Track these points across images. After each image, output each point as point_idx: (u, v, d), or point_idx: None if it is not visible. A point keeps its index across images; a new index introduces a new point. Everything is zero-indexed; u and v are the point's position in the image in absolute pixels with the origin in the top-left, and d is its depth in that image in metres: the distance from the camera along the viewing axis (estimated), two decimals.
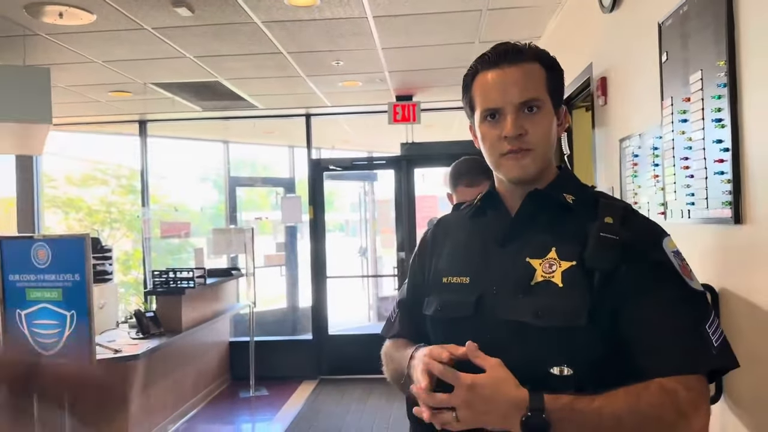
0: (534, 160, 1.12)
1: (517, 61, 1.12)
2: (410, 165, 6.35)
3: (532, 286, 1.08)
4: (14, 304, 3.31)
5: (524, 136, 1.11)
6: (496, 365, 0.99)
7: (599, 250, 1.05)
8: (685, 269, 1.08)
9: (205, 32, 3.90)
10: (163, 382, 4.73)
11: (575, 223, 1.11)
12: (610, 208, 1.11)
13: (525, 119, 1.11)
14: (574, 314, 1.03)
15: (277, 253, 7.73)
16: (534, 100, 1.11)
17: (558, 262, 1.08)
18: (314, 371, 6.32)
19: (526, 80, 1.11)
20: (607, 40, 2.85)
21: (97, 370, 3.19)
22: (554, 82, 1.16)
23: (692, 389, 0.99)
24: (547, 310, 1.05)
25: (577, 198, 1.15)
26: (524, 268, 1.10)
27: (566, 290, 1.06)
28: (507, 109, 1.11)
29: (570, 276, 1.07)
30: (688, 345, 1.02)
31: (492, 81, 1.13)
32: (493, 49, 1.16)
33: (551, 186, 1.17)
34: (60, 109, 5.38)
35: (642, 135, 2.37)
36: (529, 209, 1.16)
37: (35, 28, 3.72)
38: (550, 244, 1.11)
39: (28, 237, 3.37)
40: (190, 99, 5.76)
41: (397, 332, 1.32)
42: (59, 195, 8.20)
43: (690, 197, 1.90)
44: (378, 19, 3.78)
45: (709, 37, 1.76)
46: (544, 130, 1.12)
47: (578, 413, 0.96)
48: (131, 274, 8.19)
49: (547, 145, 1.14)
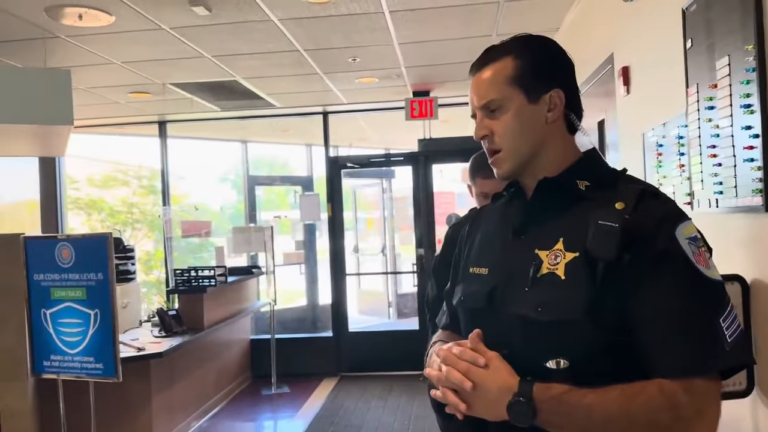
0: (504, 159, 1.14)
1: (484, 64, 1.15)
2: (428, 161, 6.32)
3: (537, 279, 1.06)
4: (39, 304, 3.35)
5: (491, 137, 1.14)
6: (493, 357, 1.03)
7: (598, 240, 1.00)
8: (701, 257, 1.00)
9: (222, 31, 3.92)
10: (185, 380, 4.77)
11: (584, 211, 1.05)
12: (625, 193, 1.05)
13: (490, 121, 1.14)
14: (571, 308, 1.01)
15: (296, 251, 7.76)
16: (490, 102, 1.13)
17: (563, 254, 1.05)
18: (335, 368, 6.33)
19: (483, 84, 1.14)
20: (629, 29, 2.80)
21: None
22: (531, 70, 1.12)
23: (695, 393, 0.94)
24: (547, 304, 1.03)
25: (594, 184, 1.10)
26: (533, 260, 1.08)
27: (568, 283, 1.03)
28: (477, 114, 1.17)
29: (572, 268, 1.03)
30: (694, 343, 0.96)
31: (470, 88, 1.18)
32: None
33: (564, 173, 1.13)
34: (81, 110, 5.44)
35: (666, 124, 2.33)
36: (539, 198, 1.14)
37: (55, 31, 3.76)
38: (558, 235, 1.07)
39: (52, 237, 3.41)
40: (208, 99, 5.80)
41: (444, 323, 1.35)
42: (81, 196, 8.31)
43: (718, 186, 1.86)
44: (394, 13, 3.76)
45: (736, 22, 1.72)
46: (508, 127, 1.12)
47: (566, 406, 0.96)
48: (153, 273, 8.27)
49: (517, 142, 1.12)
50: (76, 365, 3.28)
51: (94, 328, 3.24)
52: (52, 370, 3.34)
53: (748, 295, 1.73)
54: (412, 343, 5.09)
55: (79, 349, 3.28)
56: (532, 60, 1.13)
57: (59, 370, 3.32)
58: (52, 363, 3.34)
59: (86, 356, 3.26)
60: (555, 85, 1.12)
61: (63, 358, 3.31)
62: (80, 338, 3.27)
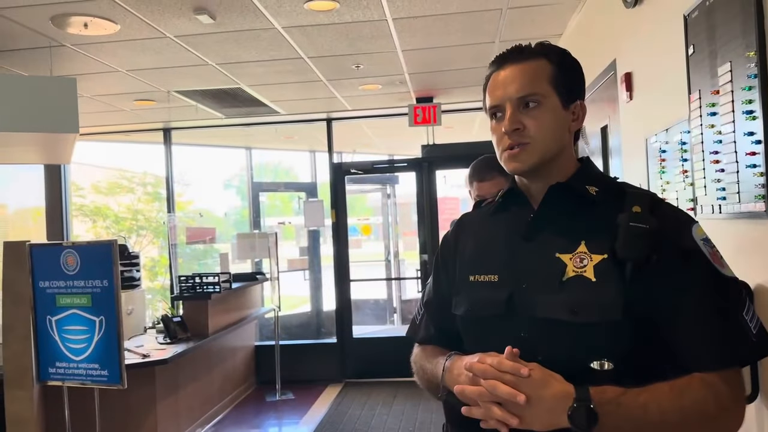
0: (531, 152, 1.13)
1: (521, 59, 1.15)
2: (431, 167, 6.33)
3: (564, 282, 1.07)
4: (45, 311, 3.37)
5: (522, 131, 1.12)
6: (536, 366, 1.01)
7: (630, 241, 1.04)
8: (716, 256, 1.06)
9: (227, 39, 3.94)
10: (190, 386, 4.78)
11: (602, 215, 1.09)
12: (637, 198, 1.10)
13: (523, 114, 1.13)
14: (610, 308, 1.02)
15: (300, 257, 7.76)
16: (531, 95, 1.12)
17: (589, 256, 1.07)
18: (339, 374, 6.32)
19: (525, 76, 1.13)
20: (631, 36, 2.81)
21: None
22: (564, 76, 1.15)
23: (732, 383, 1.00)
24: (583, 306, 1.04)
25: (601, 189, 1.14)
26: (554, 264, 1.09)
27: (600, 284, 1.05)
28: (506, 106, 1.14)
29: (602, 269, 1.05)
30: (725, 337, 1.01)
31: (496, 81, 1.17)
32: (502, 52, 1.20)
33: (573, 178, 1.16)
34: (86, 118, 5.47)
35: (669, 130, 2.33)
36: (552, 203, 1.15)
37: (61, 39, 3.79)
38: (578, 238, 1.09)
39: (57, 244, 3.43)
40: (212, 106, 5.83)
41: (424, 337, 1.31)
42: (87, 203, 8.34)
43: (721, 192, 1.86)
44: (397, 21, 3.78)
45: (738, 28, 1.72)
46: (543, 124, 1.12)
47: (625, 407, 0.97)
48: (158, 280, 8.29)
49: (547, 139, 1.13)
50: (81, 372, 3.29)
51: (99, 335, 3.25)
52: (58, 377, 3.36)
53: (752, 301, 1.73)
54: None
55: (85, 356, 3.29)
56: (566, 68, 1.16)
57: (64, 377, 3.33)
58: (58, 370, 3.36)
59: (91, 363, 3.27)
60: (579, 97, 1.18)
61: (68, 365, 3.33)
62: (85, 345, 3.29)
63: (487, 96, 1.19)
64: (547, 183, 1.15)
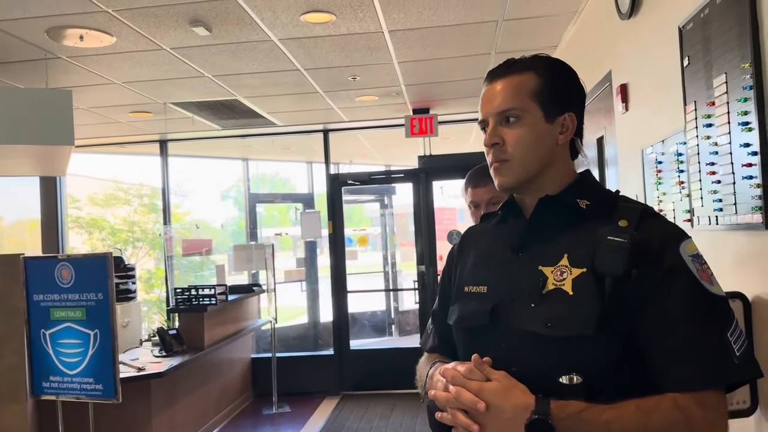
0: (511, 169, 1.13)
1: (507, 73, 1.16)
2: (428, 177, 6.33)
3: (543, 295, 1.07)
4: (39, 324, 3.34)
5: (501, 146, 1.13)
6: (502, 376, 1.02)
7: (608, 255, 1.02)
8: (704, 274, 1.03)
9: (223, 51, 3.95)
10: (186, 400, 4.74)
11: (587, 229, 1.08)
12: (626, 211, 1.08)
13: (504, 129, 1.13)
14: (582, 323, 1.01)
15: (297, 268, 7.74)
16: (510, 110, 1.13)
17: (569, 270, 1.06)
18: (336, 387, 6.28)
19: (506, 91, 1.14)
20: (627, 47, 2.81)
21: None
22: (551, 89, 1.14)
23: (707, 406, 0.96)
24: (557, 320, 1.03)
25: (593, 202, 1.13)
26: (537, 277, 1.09)
27: (576, 298, 1.03)
28: (489, 120, 1.15)
29: (580, 283, 1.04)
30: (704, 358, 0.98)
31: (484, 95, 1.18)
32: (495, 66, 1.20)
33: (565, 191, 1.15)
34: (82, 130, 5.47)
35: (665, 141, 2.33)
36: (541, 215, 1.15)
37: (57, 52, 3.79)
38: (562, 251, 1.09)
39: (52, 257, 3.41)
40: (209, 118, 5.83)
41: (431, 346, 1.33)
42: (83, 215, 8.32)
43: (717, 203, 1.85)
44: (393, 33, 3.79)
45: (733, 40, 1.73)
46: (521, 139, 1.12)
47: (586, 424, 0.95)
48: (154, 292, 8.26)
49: (527, 154, 1.13)
50: (75, 386, 3.26)
51: (94, 349, 3.23)
52: (51, 392, 3.33)
53: (749, 312, 1.72)
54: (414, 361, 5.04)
55: (79, 370, 3.26)
56: (553, 81, 1.15)
57: (58, 391, 3.30)
58: (51, 384, 3.32)
59: (86, 377, 3.24)
60: (569, 109, 1.16)
61: (62, 379, 3.30)
62: (80, 359, 3.26)
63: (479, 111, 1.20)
64: (539, 196, 1.15)
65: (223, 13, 3.32)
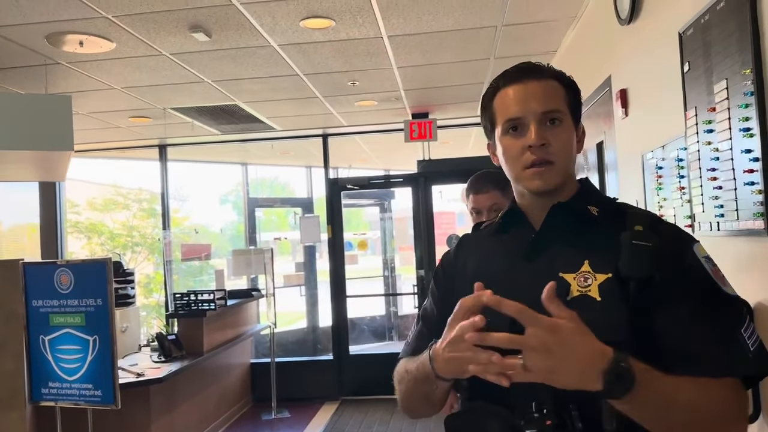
0: (557, 172, 1.13)
1: (538, 76, 1.15)
2: (427, 182, 6.33)
3: (568, 302, 1.05)
4: (38, 330, 3.33)
5: (547, 147, 1.11)
6: (576, 316, 0.92)
7: (633, 259, 1.04)
8: (718, 274, 1.07)
9: (223, 56, 3.95)
10: (185, 405, 4.72)
11: (604, 235, 1.10)
12: (637, 217, 1.11)
13: (547, 131, 1.11)
14: (617, 328, 1.01)
15: (296, 273, 7.73)
16: (556, 111, 1.13)
17: (593, 275, 1.07)
18: (336, 392, 6.26)
19: (547, 93, 1.13)
20: (626, 52, 2.82)
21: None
22: (573, 100, 1.17)
23: (740, 391, 1.00)
24: (589, 326, 0.98)
25: (602, 209, 1.15)
26: (558, 283, 1.05)
27: (605, 304, 1.04)
28: (529, 119, 1.11)
29: (607, 289, 1.05)
30: (725, 349, 1.00)
31: (514, 94, 1.14)
32: (514, 67, 1.18)
33: (575, 198, 1.17)
34: (82, 135, 5.46)
35: (665, 146, 2.33)
36: (554, 222, 1.15)
37: (56, 57, 3.79)
38: (581, 257, 1.09)
39: (51, 262, 3.40)
40: (208, 123, 5.83)
41: (413, 348, 1.27)
42: (82, 220, 8.31)
43: (719, 209, 1.85)
44: (393, 38, 3.79)
45: (733, 46, 1.73)
46: (565, 143, 1.13)
47: (659, 381, 0.92)
48: (153, 297, 8.24)
49: (568, 159, 1.15)
50: (74, 392, 3.25)
51: (93, 355, 3.22)
52: (50, 398, 3.31)
53: (751, 319, 1.72)
54: None
55: (78, 376, 3.25)
56: (573, 92, 1.18)
57: (57, 397, 3.29)
58: (50, 390, 3.31)
59: (85, 383, 3.23)
60: (579, 121, 1.20)
61: (61, 385, 3.29)
62: (79, 365, 3.25)
63: (499, 109, 1.16)
64: (551, 202, 1.15)
65: (223, 19, 3.32)
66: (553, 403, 1.00)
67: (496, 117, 1.17)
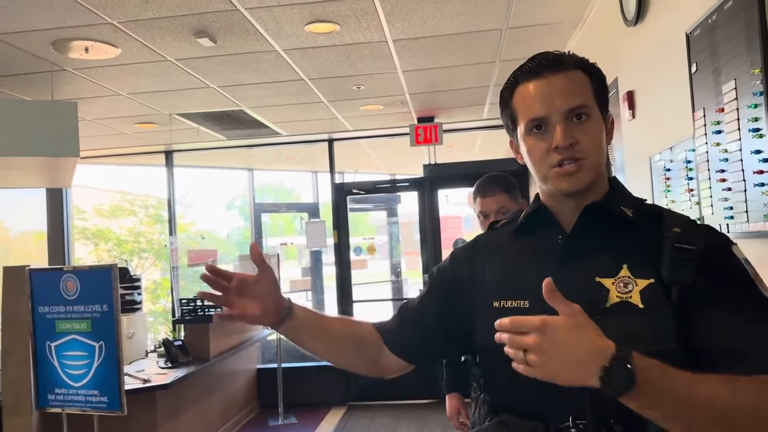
0: (588, 170, 1.05)
1: (560, 68, 1.06)
2: (433, 186, 6.32)
3: (608, 308, 0.99)
4: (44, 336, 3.33)
5: (575, 146, 1.04)
6: (579, 311, 0.88)
7: (677, 264, 0.97)
8: (758, 277, 1.01)
9: (228, 62, 3.95)
10: (192, 411, 4.71)
11: (642, 237, 1.03)
12: (675, 219, 1.04)
13: (574, 128, 1.04)
14: (663, 337, 0.95)
15: (302, 277, 7.72)
16: (582, 106, 1.05)
17: (633, 281, 1.00)
18: (342, 397, 6.24)
19: (572, 87, 1.05)
20: (633, 54, 2.80)
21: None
22: (599, 88, 1.09)
23: None
24: (631, 336, 0.91)
25: (636, 211, 1.07)
26: (595, 289, 1.01)
27: (648, 311, 0.97)
28: (554, 118, 1.04)
29: (650, 295, 0.98)
30: None
31: (535, 90, 1.07)
32: (532, 59, 1.10)
33: (607, 198, 1.09)
34: (88, 141, 5.48)
35: (673, 148, 2.31)
36: (587, 224, 1.07)
37: (62, 64, 3.80)
38: (620, 262, 1.02)
39: (57, 269, 3.40)
40: (214, 128, 5.83)
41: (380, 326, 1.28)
42: (89, 227, 8.33)
43: (728, 211, 1.83)
44: (398, 42, 3.78)
45: (741, 46, 1.71)
46: (595, 138, 1.06)
47: (669, 378, 0.85)
48: (160, 302, 8.25)
49: (599, 154, 1.07)
50: (80, 399, 3.25)
51: (99, 361, 3.21)
52: (57, 404, 3.31)
53: None
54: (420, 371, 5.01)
55: (84, 382, 3.24)
56: (599, 80, 1.10)
57: (64, 403, 3.29)
58: (57, 396, 3.31)
59: (91, 389, 3.23)
60: (607, 109, 1.12)
61: (67, 392, 3.28)
62: (85, 371, 3.24)
63: (520, 107, 1.09)
64: (581, 203, 1.07)
65: (228, 24, 3.33)
66: (592, 418, 0.94)
67: (517, 115, 1.10)
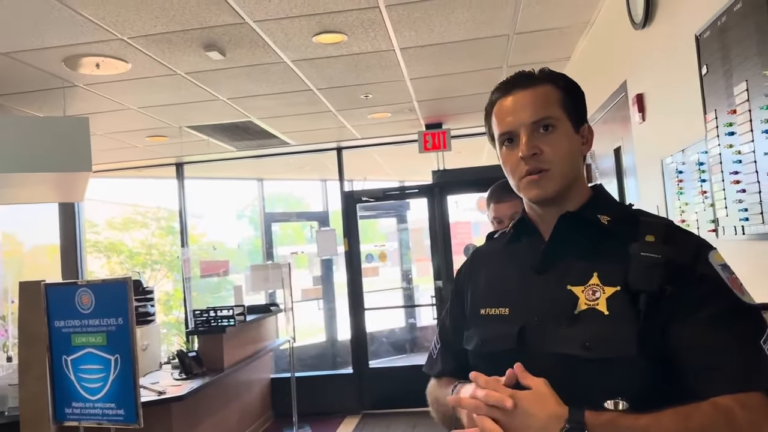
0: (552, 179, 1.10)
1: (529, 85, 1.13)
2: (443, 192, 6.31)
3: (576, 315, 1.04)
4: (60, 350, 3.35)
5: (540, 156, 1.09)
6: (541, 383, 0.97)
7: (642, 272, 1.00)
8: (735, 283, 1.02)
9: (237, 74, 3.98)
10: (207, 422, 4.72)
11: (615, 245, 1.06)
12: (650, 226, 1.07)
13: (539, 139, 1.10)
14: (624, 344, 0.98)
15: (314, 286, 7.73)
16: (546, 118, 1.10)
17: (601, 288, 1.04)
18: (357, 406, 6.23)
19: (538, 101, 1.11)
20: (642, 57, 2.79)
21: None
22: (572, 101, 1.14)
23: (751, 408, 0.92)
24: (596, 341, 1.00)
25: (614, 218, 1.11)
26: (566, 297, 1.06)
27: (613, 318, 1.01)
28: (520, 131, 1.11)
29: (615, 302, 1.02)
30: (744, 361, 0.96)
31: (506, 107, 1.14)
32: (506, 79, 1.18)
33: (585, 207, 1.13)
34: (100, 155, 5.53)
35: (685, 150, 2.30)
36: (563, 233, 1.12)
37: (74, 80, 3.85)
38: (591, 269, 1.06)
39: (72, 283, 3.43)
40: (224, 140, 5.87)
41: (440, 370, 1.29)
42: (101, 240, 8.39)
43: (743, 212, 1.82)
44: (405, 50, 3.80)
45: (752, 47, 1.70)
46: (560, 148, 1.10)
47: (621, 430, 0.91)
48: (173, 314, 8.28)
49: (565, 164, 1.11)
50: (97, 412, 3.26)
51: (115, 374, 3.23)
52: (74, 417, 3.32)
53: None
54: None
55: (101, 396, 3.26)
56: (572, 93, 1.15)
57: (81, 417, 3.30)
58: (74, 410, 3.32)
59: (107, 402, 3.24)
60: (585, 120, 1.17)
61: (84, 405, 3.30)
62: (101, 384, 3.26)
63: (495, 123, 1.16)
64: (559, 211, 1.12)
65: (237, 37, 3.36)
66: None
67: (494, 130, 1.17)
